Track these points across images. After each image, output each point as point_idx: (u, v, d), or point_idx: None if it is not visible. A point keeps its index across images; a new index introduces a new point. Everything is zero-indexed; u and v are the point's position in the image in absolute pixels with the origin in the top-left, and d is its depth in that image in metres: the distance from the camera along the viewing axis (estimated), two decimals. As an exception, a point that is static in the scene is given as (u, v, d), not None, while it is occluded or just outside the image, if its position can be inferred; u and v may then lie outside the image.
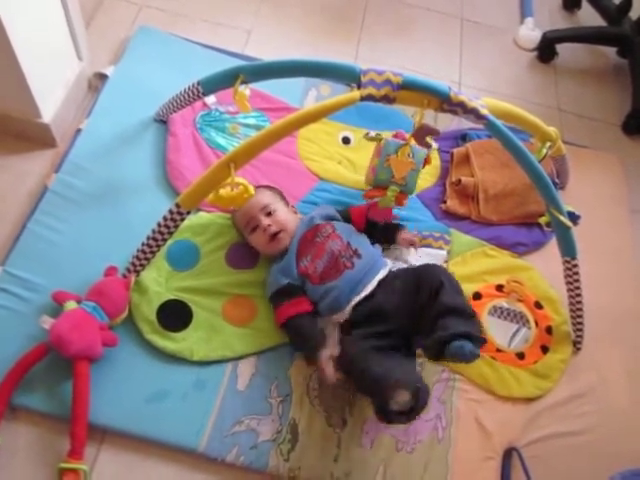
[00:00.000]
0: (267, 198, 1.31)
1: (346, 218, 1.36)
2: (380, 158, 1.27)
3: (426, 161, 1.31)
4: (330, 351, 1.18)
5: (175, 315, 1.23)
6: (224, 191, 1.07)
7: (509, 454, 1.22)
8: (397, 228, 1.38)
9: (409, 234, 1.38)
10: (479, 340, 1.08)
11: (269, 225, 1.27)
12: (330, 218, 1.33)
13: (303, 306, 1.23)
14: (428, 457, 1.19)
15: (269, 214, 1.29)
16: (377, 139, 1.28)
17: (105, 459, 1.10)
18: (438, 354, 1.08)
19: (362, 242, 1.29)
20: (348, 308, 1.21)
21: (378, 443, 1.19)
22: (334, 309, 1.22)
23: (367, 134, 1.27)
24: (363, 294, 1.21)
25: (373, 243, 1.32)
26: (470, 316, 1.13)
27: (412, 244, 1.36)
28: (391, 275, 1.26)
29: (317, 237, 1.27)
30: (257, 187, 1.34)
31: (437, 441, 1.21)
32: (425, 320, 1.13)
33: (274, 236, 1.27)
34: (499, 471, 1.20)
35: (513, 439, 1.24)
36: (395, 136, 1.31)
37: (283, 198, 1.37)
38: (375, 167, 1.29)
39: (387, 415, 1.05)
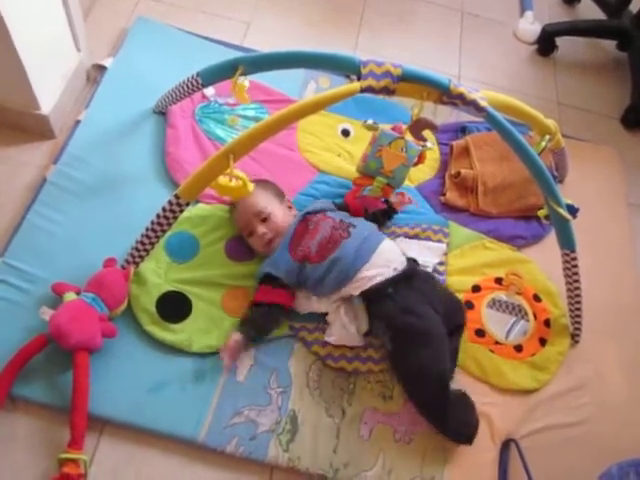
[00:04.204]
0: (261, 201, 1.28)
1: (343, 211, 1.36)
2: (373, 147, 1.27)
3: (419, 159, 1.31)
4: (237, 337, 1.17)
5: (174, 306, 1.23)
6: (223, 179, 1.07)
7: (507, 445, 1.22)
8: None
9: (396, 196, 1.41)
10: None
11: (264, 233, 1.27)
12: (324, 211, 1.32)
13: (280, 298, 1.23)
14: (426, 447, 1.19)
15: (264, 220, 1.28)
16: (374, 128, 1.27)
17: (105, 449, 1.10)
18: None
19: (356, 219, 1.30)
20: (359, 277, 1.20)
21: (376, 433, 1.19)
22: (341, 281, 1.21)
23: (365, 122, 1.27)
24: (381, 270, 1.20)
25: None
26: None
27: (404, 203, 1.40)
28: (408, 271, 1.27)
29: (309, 226, 1.27)
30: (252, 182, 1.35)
31: (435, 432, 1.21)
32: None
33: (269, 242, 1.27)
34: (497, 462, 1.21)
35: (511, 430, 1.25)
36: (393, 129, 1.30)
37: (278, 194, 1.34)
38: (367, 155, 1.28)
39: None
